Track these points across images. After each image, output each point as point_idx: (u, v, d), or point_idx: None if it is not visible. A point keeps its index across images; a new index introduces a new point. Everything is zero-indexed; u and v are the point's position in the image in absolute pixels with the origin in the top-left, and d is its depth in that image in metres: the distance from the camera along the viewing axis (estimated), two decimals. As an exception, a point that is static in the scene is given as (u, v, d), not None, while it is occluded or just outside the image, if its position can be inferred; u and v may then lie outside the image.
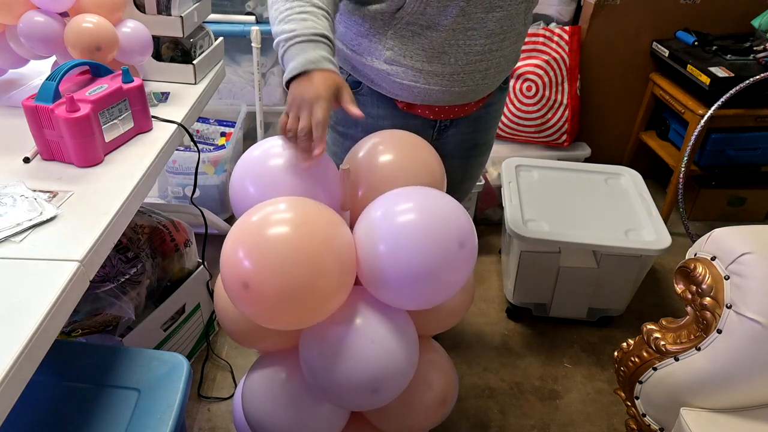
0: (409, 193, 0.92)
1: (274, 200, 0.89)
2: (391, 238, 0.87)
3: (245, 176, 0.98)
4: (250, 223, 0.85)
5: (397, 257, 0.86)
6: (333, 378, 0.90)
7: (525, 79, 2.23)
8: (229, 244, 0.85)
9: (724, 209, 2.40)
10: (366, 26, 1.10)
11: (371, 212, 0.91)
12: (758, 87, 1.98)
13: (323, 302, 0.87)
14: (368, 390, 0.90)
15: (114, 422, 0.98)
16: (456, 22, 1.04)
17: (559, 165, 2.06)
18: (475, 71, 1.11)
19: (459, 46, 1.07)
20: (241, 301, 0.85)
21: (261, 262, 0.81)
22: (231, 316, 1.05)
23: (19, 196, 0.96)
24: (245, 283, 0.81)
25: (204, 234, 1.63)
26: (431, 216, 0.88)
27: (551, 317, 1.91)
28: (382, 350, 0.90)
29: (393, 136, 1.07)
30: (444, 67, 1.09)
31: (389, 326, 0.92)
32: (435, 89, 1.12)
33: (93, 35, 1.16)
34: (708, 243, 1.15)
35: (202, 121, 2.27)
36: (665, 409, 1.19)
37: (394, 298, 0.92)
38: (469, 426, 1.59)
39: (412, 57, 1.09)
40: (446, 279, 0.89)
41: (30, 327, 0.73)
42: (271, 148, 0.99)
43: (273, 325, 0.89)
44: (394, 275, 0.87)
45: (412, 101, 1.16)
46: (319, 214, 0.88)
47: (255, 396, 1.05)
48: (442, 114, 1.20)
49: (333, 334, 0.91)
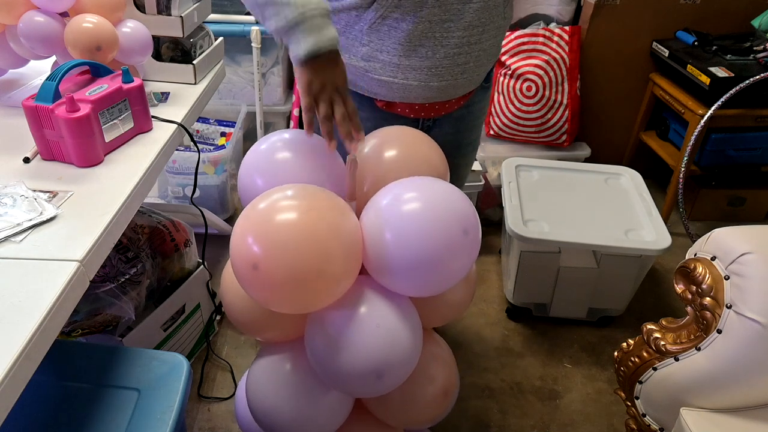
0: (415, 182, 0.94)
1: (281, 187, 0.91)
2: (396, 225, 0.88)
3: (253, 170, 1.01)
4: (259, 209, 0.87)
5: (403, 244, 0.88)
6: (338, 363, 0.92)
7: (525, 79, 2.24)
8: (238, 229, 0.87)
9: (724, 209, 2.40)
10: (341, 23, 1.08)
11: (378, 201, 0.93)
12: (758, 87, 1.98)
13: (330, 286, 0.88)
14: (373, 375, 0.91)
15: (114, 422, 0.98)
16: (432, 14, 1.03)
17: (559, 165, 2.06)
18: (453, 65, 1.10)
19: (436, 39, 1.06)
20: (251, 283, 0.87)
21: (270, 245, 0.83)
22: (238, 306, 1.06)
23: (19, 196, 0.96)
24: (255, 264, 0.83)
25: (204, 234, 1.63)
26: (436, 204, 0.90)
27: (551, 317, 1.91)
28: (388, 334, 0.92)
29: (396, 132, 1.08)
30: (422, 61, 1.08)
31: (394, 312, 0.94)
32: (413, 84, 1.10)
33: (93, 35, 1.16)
34: (708, 243, 1.15)
35: (202, 121, 2.27)
36: (665, 409, 1.19)
37: (399, 284, 0.94)
38: (469, 426, 1.59)
39: (389, 52, 1.07)
40: (450, 266, 0.91)
41: (30, 327, 0.73)
42: (277, 141, 1.01)
43: (281, 308, 0.91)
44: (400, 262, 0.89)
45: (390, 99, 1.15)
46: (326, 201, 0.90)
47: (259, 387, 1.06)
48: (423, 112, 1.18)
49: (338, 318, 0.92)
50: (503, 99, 2.31)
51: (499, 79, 2.31)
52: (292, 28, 0.90)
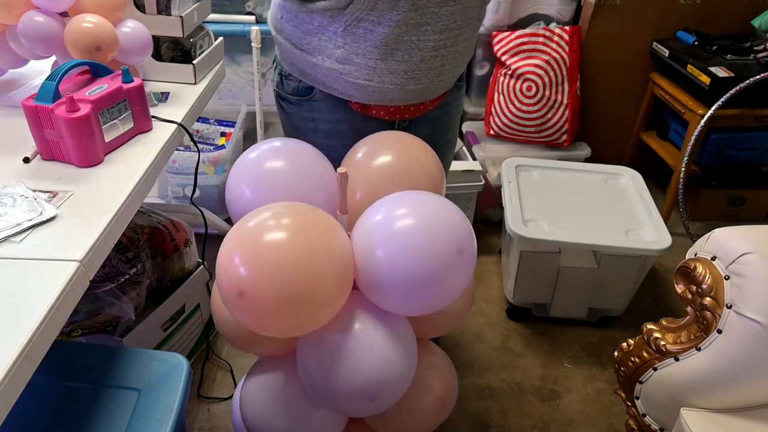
0: (408, 197, 0.91)
1: (269, 206, 0.87)
2: (388, 243, 0.86)
3: (241, 179, 0.97)
4: (246, 230, 0.84)
5: (395, 263, 0.85)
6: (331, 385, 0.89)
7: (525, 79, 2.23)
8: (224, 252, 0.84)
9: (724, 209, 2.40)
10: (315, 24, 1.06)
11: (369, 217, 0.90)
12: (758, 87, 1.98)
13: (321, 310, 0.86)
14: (367, 398, 0.89)
15: (113, 422, 0.98)
16: (408, 17, 1.02)
17: (559, 165, 2.06)
18: (429, 68, 1.09)
19: (412, 42, 1.05)
20: (238, 310, 0.84)
21: (257, 270, 0.80)
22: (228, 322, 1.04)
23: (19, 196, 0.96)
24: (241, 291, 0.80)
25: (204, 234, 1.63)
26: (429, 222, 0.87)
27: (551, 317, 1.91)
28: (381, 357, 0.89)
29: (391, 138, 1.06)
30: (398, 64, 1.06)
31: (388, 332, 0.91)
32: (389, 87, 1.09)
33: (93, 35, 1.16)
34: (708, 243, 1.15)
35: (202, 121, 2.27)
36: (665, 409, 1.19)
37: (392, 303, 0.91)
38: (469, 426, 1.59)
39: (365, 55, 1.05)
40: (444, 286, 0.88)
41: (30, 327, 0.73)
42: (267, 150, 0.98)
43: (270, 333, 0.88)
44: (392, 281, 0.86)
45: (366, 101, 1.13)
46: (315, 221, 0.86)
47: (253, 400, 1.05)
48: (398, 114, 1.17)
49: (331, 340, 0.90)
50: (503, 99, 2.30)
51: (499, 79, 2.31)
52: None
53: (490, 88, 2.36)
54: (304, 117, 1.19)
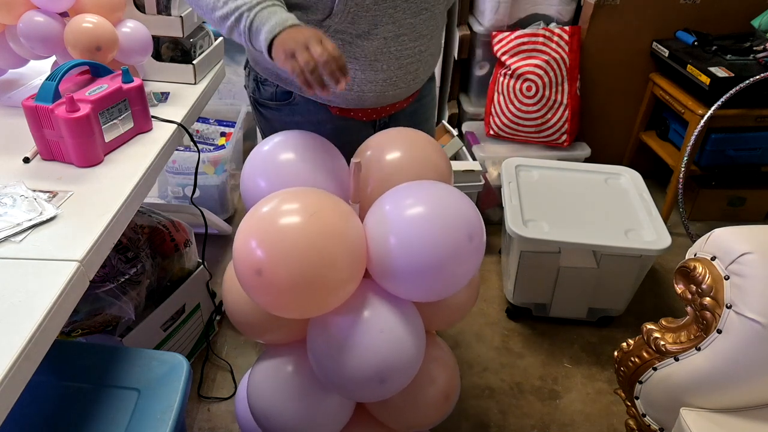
0: (419, 186, 0.94)
1: (284, 191, 0.90)
2: (401, 230, 0.88)
3: (256, 172, 1.00)
4: (263, 213, 0.86)
5: (407, 249, 0.88)
6: (341, 368, 0.91)
7: (525, 79, 2.23)
8: (241, 234, 0.86)
9: (724, 209, 2.40)
10: None
11: (382, 205, 0.93)
12: (758, 87, 1.98)
13: (334, 291, 0.88)
14: (376, 380, 0.91)
15: (113, 422, 0.98)
16: (387, 30, 1.04)
17: (559, 165, 2.06)
18: (406, 73, 1.12)
19: (391, 53, 1.07)
20: (254, 289, 0.86)
21: (274, 250, 0.83)
22: (240, 308, 1.06)
23: (19, 196, 0.96)
24: (258, 270, 0.83)
25: (204, 234, 1.63)
26: (441, 209, 0.90)
27: (551, 317, 1.91)
28: (391, 339, 0.91)
29: (401, 134, 1.09)
30: (377, 74, 1.08)
31: (398, 316, 0.93)
32: (369, 95, 1.11)
33: (93, 35, 1.16)
34: (708, 243, 1.15)
35: (202, 121, 2.27)
36: (665, 409, 1.19)
37: (403, 289, 0.93)
38: (469, 426, 1.59)
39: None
40: (455, 271, 0.91)
41: (30, 327, 0.73)
42: (280, 142, 1.01)
43: (284, 313, 0.90)
44: (404, 267, 0.89)
45: (345, 106, 1.15)
46: (329, 205, 0.89)
47: (261, 388, 1.06)
48: (374, 114, 1.19)
49: (341, 324, 0.92)
50: (503, 99, 2.31)
51: (499, 79, 2.31)
52: (249, 26, 0.91)
53: (490, 88, 2.36)
54: (286, 121, 1.20)
